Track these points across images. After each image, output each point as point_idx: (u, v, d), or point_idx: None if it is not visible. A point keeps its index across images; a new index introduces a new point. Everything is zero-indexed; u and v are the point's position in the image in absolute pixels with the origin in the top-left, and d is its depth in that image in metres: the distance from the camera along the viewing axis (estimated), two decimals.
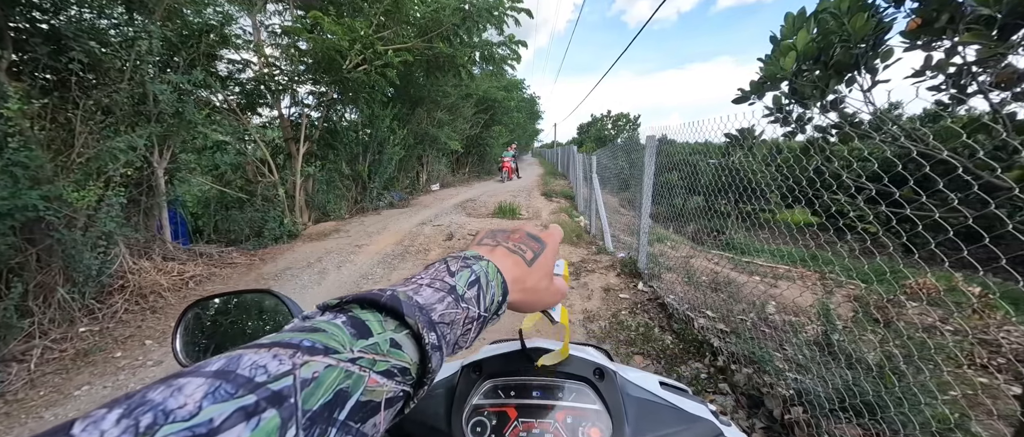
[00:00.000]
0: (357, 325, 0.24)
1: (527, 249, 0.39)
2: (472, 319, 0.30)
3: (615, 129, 38.75)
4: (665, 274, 3.52)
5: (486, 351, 0.57)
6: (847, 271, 3.14)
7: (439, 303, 0.28)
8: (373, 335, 0.24)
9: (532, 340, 0.59)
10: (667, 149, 3.62)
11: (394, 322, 0.25)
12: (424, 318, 0.26)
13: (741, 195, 2.54)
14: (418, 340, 0.25)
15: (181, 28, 4.21)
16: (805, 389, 1.64)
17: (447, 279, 0.30)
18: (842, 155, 1.95)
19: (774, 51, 1.96)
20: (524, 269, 0.37)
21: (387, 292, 0.26)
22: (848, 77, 1.87)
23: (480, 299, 0.31)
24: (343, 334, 0.23)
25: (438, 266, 0.32)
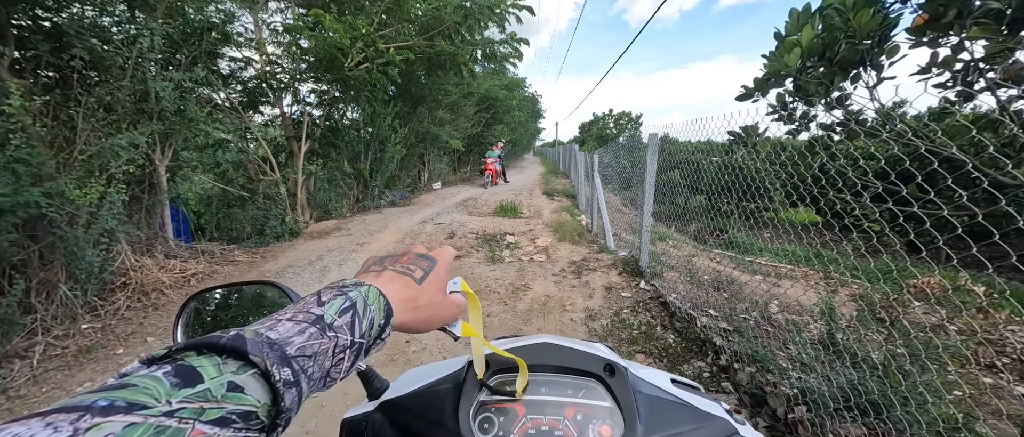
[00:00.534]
0: (183, 373, 0.21)
1: (416, 268, 0.38)
2: (344, 347, 0.28)
3: (617, 128, 38.70)
4: (667, 273, 3.51)
5: (496, 345, 0.56)
6: (851, 270, 3.13)
7: (298, 336, 0.26)
8: (204, 381, 0.21)
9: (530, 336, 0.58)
10: (669, 148, 3.61)
11: (236, 363, 0.23)
12: (275, 354, 0.24)
13: (744, 194, 2.53)
14: (268, 378, 0.23)
15: (183, 26, 4.21)
16: (809, 388, 1.63)
17: (313, 310, 0.29)
18: (846, 153, 1.94)
19: (778, 48, 1.94)
20: (414, 288, 0.36)
21: (230, 332, 0.24)
22: (853, 74, 1.86)
23: (355, 325, 0.30)
24: (159, 385, 0.20)
25: (308, 299, 0.30)
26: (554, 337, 0.55)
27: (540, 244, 5.02)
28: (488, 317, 2.89)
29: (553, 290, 3.42)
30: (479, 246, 4.91)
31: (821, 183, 1.92)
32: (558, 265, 4.13)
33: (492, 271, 3.95)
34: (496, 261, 4.28)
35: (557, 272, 3.91)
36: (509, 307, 3.06)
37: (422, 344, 2.44)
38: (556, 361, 0.51)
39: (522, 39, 7.04)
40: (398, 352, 2.34)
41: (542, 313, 2.97)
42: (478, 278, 3.73)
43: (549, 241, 5.16)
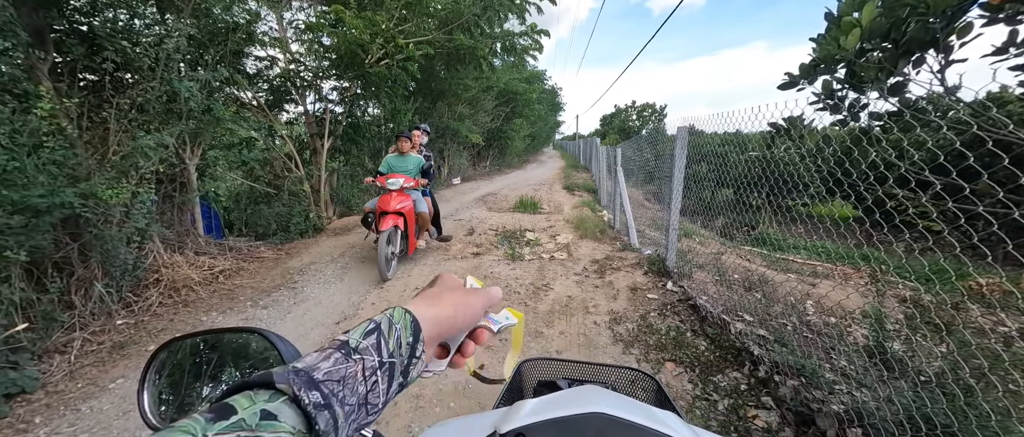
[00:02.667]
0: (217, 410, 0.22)
1: (446, 285, 0.40)
2: (373, 369, 0.29)
3: (640, 120, 37.72)
4: (696, 273, 3.33)
5: (533, 410, 0.46)
6: (901, 270, 2.87)
7: (324, 361, 0.27)
8: (238, 412, 0.22)
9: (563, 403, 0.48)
10: (695, 140, 3.41)
11: (267, 393, 0.24)
12: (302, 378, 0.25)
13: (776, 187, 2.34)
14: (299, 403, 0.24)
15: (209, 26, 4.29)
16: (865, 409, 1.47)
17: (339, 337, 0.30)
18: (898, 145, 1.73)
19: (830, 30, 1.75)
20: (438, 301, 0.37)
21: (260, 372, 0.26)
22: (916, 57, 1.66)
23: (382, 346, 0.30)
24: (195, 424, 0.21)
25: (333, 339, 0.31)
26: (607, 399, 0.46)
27: (561, 241, 4.91)
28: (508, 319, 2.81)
29: (575, 290, 3.31)
30: (499, 243, 4.84)
31: (870, 178, 1.73)
32: (580, 264, 4.02)
33: (512, 269, 3.87)
34: (516, 259, 4.20)
35: (579, 271, 3.79)
36: (530, 308, 2.98)
37: None
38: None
39: (542, 30, 6.86)
40: None
41: (564, 315, 2.87)
42: (498, 277, 3.66)
43: (570, 238, 5.04)
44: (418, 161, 3.87)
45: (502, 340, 2.50)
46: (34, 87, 2.62)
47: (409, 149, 3.92)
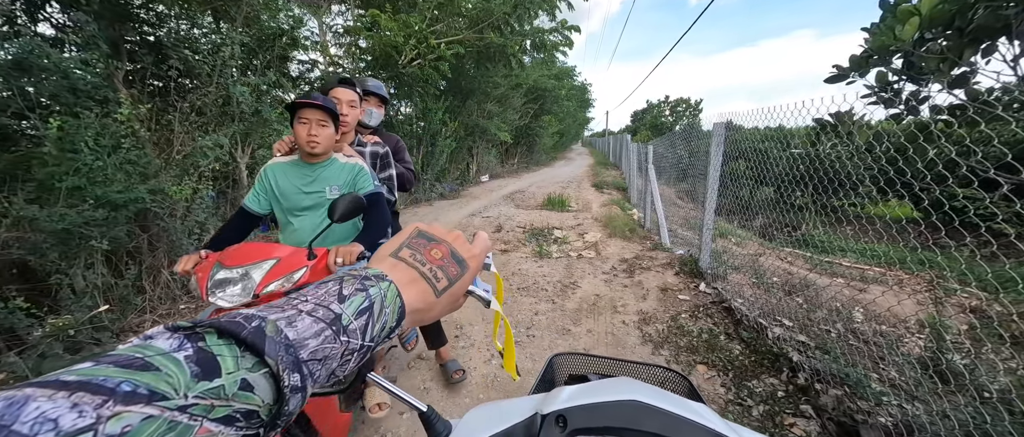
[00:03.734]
0: (204, 362, 0.21)
1: (442, 276, 0.36)
2: (354, 351, 0.28)
3: (674, 116, 36.43)
4: (731, 274, 3.22)
5: (571, 395, 0.48)
6: (964, 277, 2.63)
7: (314, 338, 0.26)
8: (221, 375, 0.21)
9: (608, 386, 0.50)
10: (733, 136, 3.28)
11: (252, 359, 0.23)
12: (289, 358, 0.24)
13: (822, 186, 2.22)
14: (277, 380, 0.23)
15: (258, 33, 4.58)
16: (916, 423, 1.38)
17: (334, 306, 0.28)
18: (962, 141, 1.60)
19: (886, 18, 1.64)
20: (430, 300, 0.35)
21: (254, 322, 0.24)
22: (985, 46, 1.52)
23: (368, 328, 0.29)
24: (181, 373, 0.20)
25: (331, 286, 0.30)
26: (644, 390, 0.47)
27: (589, 239, 4.87)
28: (536, 315, 2.85)
29: (603, 289, 3.29)
30: (526, 240, 4.88)
31: (927, 177, 1.61)
32: (608, 262, 3.97)
33: (540, 267, 3.90)
34: (544, 256, 4.22)
35: (607, 270, 3.76)
36: (557, 306, 2.99)
37: (471, 340, 2.46)
38: (651, 428, 0.42)
39: (573, 26, 6.79)
40: (448, 346, 2.38)
41: (592, 314, 2.86)
42: (525, 274, 3.70)
43: (599, 236, 4.99)
44: (353, 173, 1.43)
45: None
46: (114, 93, 2.92)
47: (329, 145, 1.37)
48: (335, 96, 1.50)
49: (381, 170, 1.70)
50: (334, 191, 1.37)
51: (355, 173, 1.41)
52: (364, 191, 1.38)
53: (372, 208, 1.38)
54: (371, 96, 1.80)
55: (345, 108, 1.50)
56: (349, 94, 1.53)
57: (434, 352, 2.05)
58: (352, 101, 1.54)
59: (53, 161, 2.45)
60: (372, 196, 1.40)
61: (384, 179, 1.69)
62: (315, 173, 1.38)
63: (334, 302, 0.28)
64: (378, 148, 1.70)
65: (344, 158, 1.42)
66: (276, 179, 1.39)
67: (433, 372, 2.14)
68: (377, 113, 1.83)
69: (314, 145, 1.29)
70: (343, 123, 1.46)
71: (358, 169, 1.42)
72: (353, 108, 1.54)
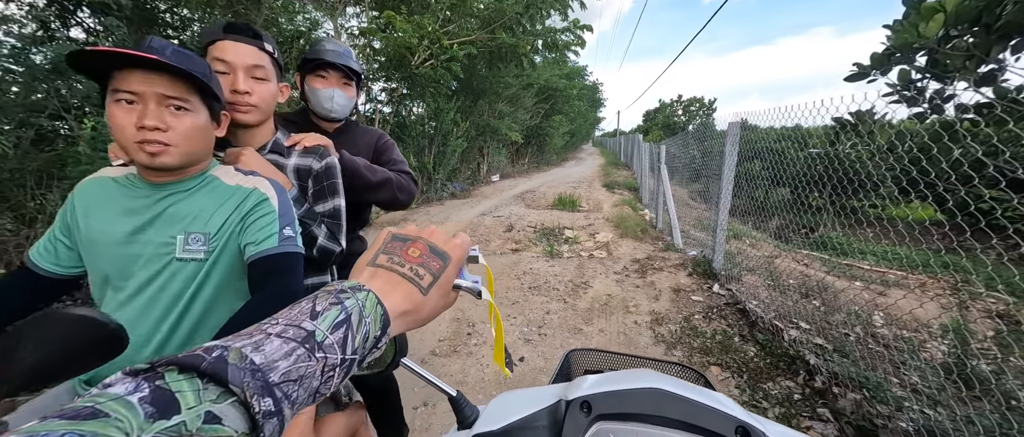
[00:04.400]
0: (160, 400, 0.20)
1: (425, 272, 0.34)
2: (333, 366, 0.27)
3: (686, 115, 35.98)
4: (746, 276, 3.17)
5: (595, 383, 0.50)
6: (990, 281, 2.55)
7: (285, 359, 0.24)
8: (181, 411, 0.20)
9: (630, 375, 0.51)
10: (748, 135, 3.23)
11: (217, 389, 0.22)
12: (257, 383, 0.22)
13: (840, 187, 2.18)
14: (248, 408, 0.22)
15: (276, 36, 4.70)
16: (939, 428, 1.35)
17: (305, 324, 0.27)
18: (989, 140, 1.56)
19: (909, 15, 1.60)
20: (417, 300, 0.33)
21: (215, 352, 0.23)
22: (1014, 43, 1.48)
23: (347, 341, 0.28)
24: (132, 415, 0.19)
25: (304, 305, 0.28)
26: (666, 380, 0.49)
27: (600, 239, 4.85)
28: (547, 314, 2.86)
29: (615, 289, 3.28)
30: (537, 240, 4.89)
31: (951, 178, 1.57)
32: (620, 263, 3.96)
33: (551, 267, 3.90)
34: (555, 256, 4.22)
35: (619, 270, 3.75)
36: (569, 305, 3.00)
37: (483, 337, 2.48)
38: (674, 414, 0.43)
39: (585, 26, 6.77)
40: (460, 343, 2.42)
41: (603, 314, 2.86)
42: (536, 273, 3.71)
43: (610, 236, 4.97)
44: (243, 208, 0.74)
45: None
46: None
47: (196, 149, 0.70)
48: (218, 56, 0.82)
49: (318, 199, 0.95)
50: (197, 243, 0.69)
51: (250, 207, 0.72)
52: (259, 249, 0.69)
53: (269, 281, 0.68)
54: (329, 69, 1.11)
55: (241, 79, 0.82)
56: (248, 53, 0.83)
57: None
58: (255, 67, 0.84)
59: (86, 160, 2.55)
60: (277, 259, 0.69)
61: (325, 215, 0.95)
62: (161, 204, 0.69)
63: (306, 320, 0.27)
64: (311, 161, 0.94)
65: (236, 175, 0.76)
66: (87, 212, 0.71)
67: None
68: (342, 97, 1.14)
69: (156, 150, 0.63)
70: (236, 107, 0.83)
71: (257, 201, 0.73)
72: (260, 81, 0.85)
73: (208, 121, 0.70)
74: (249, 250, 0.70)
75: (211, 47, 0.83)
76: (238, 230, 0.72)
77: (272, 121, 0.96)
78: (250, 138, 0.91)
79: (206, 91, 0.67)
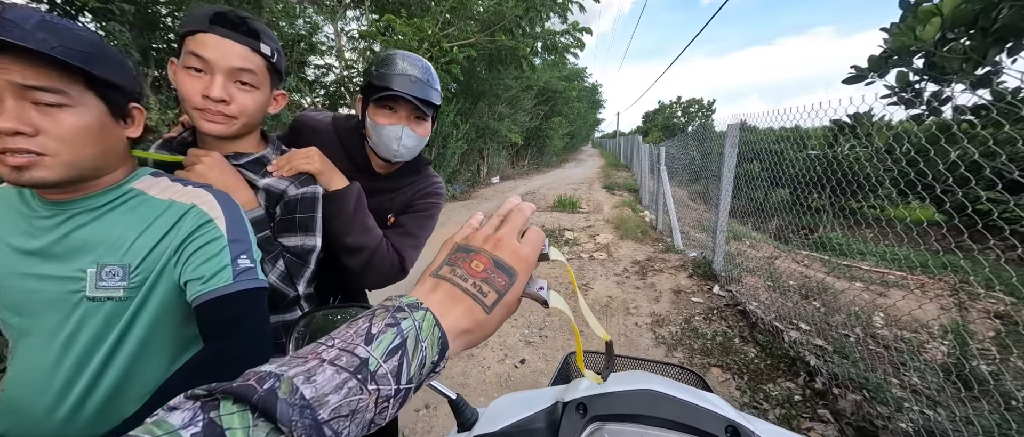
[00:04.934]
0: (207, 432, 0.19)
1: (489, 289, 0.31)
2: (387, 397, 0.25)
3: (685, 116, 36.05)
4: (746, 277, 3.18)
5: (591, 385, 0.51)
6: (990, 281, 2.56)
7: (335, 393, 0.23)
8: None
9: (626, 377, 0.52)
10: (747, 137, 3.25)
11: (267, 426, 0.21)
12: (306, 421, 0.21)
13: (840, 188, 2.19)
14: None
15: (277, 39, 4.73)
16: (938, 428, 1.36)
17: (359, 350, 0.25)
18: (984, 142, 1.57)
19: (906, 18, 1.62)
20: (480, 318, 0.30)
21: (268, 382, 0.22)
22: (1010, 46, 1.49)
23: (402, 370, 0.26)
24: None
25: (361, 324, 0.27)
26: (660, 381, 0.50)
27: (600, 241, 4.86)
28: (548, 316, 2.86)
29: (616, 291, 3.29)
30: None
31: (948, 180, 1.58)
32: (620, 264, 3.97)
33: (551, 268, 3.91)
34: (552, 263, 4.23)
35: (619, 272, 3.75)
36: (570, 307, 3.00)
37: (484, 341, 2.49)
38: (666, 415, 0.45)
39: (584, 28, 6.81)
40: None
41: (604, 315, 2.87)
42: (535, 274, 3.71)
43: (610, 238, 4.98)
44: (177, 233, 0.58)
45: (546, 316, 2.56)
46: (143, 99, 3.06)
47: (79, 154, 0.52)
48: (195, 51, 0.65)
49: (283, 231, 0.77)
50: (113, 278, 0.54)
51: (188, 232, 0.57)
52: (207, 288, 0.55)
53: (226, 332, 0.55)
54: (399, 101, 0.86)
55: (218, 84, 0.66)
56: (236, 53, 0.67)
57: None
58: (242, 71, 0.68)
59: None
60: (232, 302, 0.55)
61: (292, 252, 0.77)
62: (63, 228, 0.55)
63: (360, 345, 0.25)
64: (287, 184, 0.78)
65: (171, 186, 0.60)
66: None
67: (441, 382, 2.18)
68: (413, 138, 0.90)
69: (21, 162, 0.48)
70: (204, 114, 0.67)
71: (197, 223, 0.58)
72: (246, 89, 0.69)
73: (105, 118, 0.52)
74: (193, 289, 0.54)
75: (190, 39, 0.65)
76: (173, 262, 0.56)
77: (259, 134, 0.81)
78: (225, 148, 0.75)
79: (95, 78, 0.50)
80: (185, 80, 0.66)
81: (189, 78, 0.66)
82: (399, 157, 0.92)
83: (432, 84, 0.90)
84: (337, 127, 0.99)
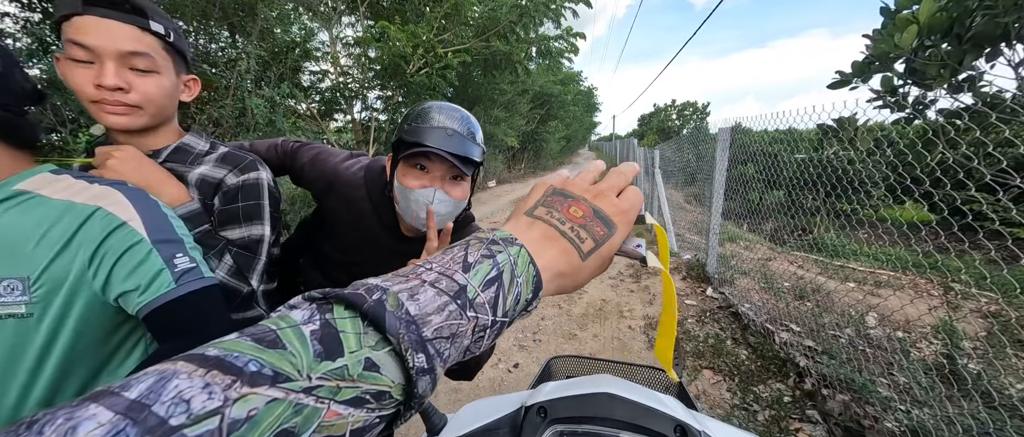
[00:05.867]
0: (327, 339, 0.20)
1: (587, 236, 0.30)
2: (484, 327, 0.25)
3: (680, 119, 36.27)
4: (739, 279, 3.21)
5: (553, 389, 0.54)
6: (980, 279, 2.59)
7: (437, 314, 0.23)
8: (344, 354, 0.20)
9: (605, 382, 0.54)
10: (741, 139, 3.28)
11: (375, 336, 0.21)
12: (412, 336, 0.22)
13: (829, 188, 2.22)
14: (402, 358, 0.21)
15: (272, 46, 4.74)
16: (922, 428, 1.38)
17: (458, 277, 0.25)
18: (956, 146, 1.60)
19: (886, 26, 1.66)
20: (575, 263, 0.30)
21: (375, 294, 0.22)
22: (989, 51, 1.53)
23: (499, 302, 0.26)
24: (305, 353, 0.19)
25: (456, 252, 0.27)
26: (618, 384, 0.52)
27: None
28: (542, 320, 2.88)
29: (610, 294, 3.31)
30: None
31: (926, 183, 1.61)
32: (615, 267, 3.99)
33: None
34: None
35: (614, 275, 3.77)
36: (564, 311, 3.02)
37: None
38: (620, 416, 0.47)
39: (578, 33, 6.87)
40: None
41: (598, 319, 2.88)
42: None
43: None
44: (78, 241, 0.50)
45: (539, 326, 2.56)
46: None
47: None
48: (75, 38, 0.57)
49: (227, 224, 0.72)
50: (13, 293, 0.48)
51: (98, 241, 0.50)
52: (147, 299, 0.51)
53: (181, 339, 0.52)
54: (432, 159, 0.74)
55: (110, 72, 0.58)
56: (122, 35, 0.59)
57: None
58: (134, 55, 0.60)
59: None
60: (179, 308, 0.52)
61: (238, 245, 0.72)
62: None
63: (458, 272, 0.25)
64: (224, 172, 0.72)
65: (71, 185, 0.52)
66: None
67: None
68: (448, 203, 0.76)
69: None
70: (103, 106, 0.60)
71: (107, 229, 0.51)
72: (144, 74, 0.62)
73: None
74: (132, 302, 0.50)
75: (66, 25, 0.58)
76: (89, 274, 0.49)
77: (175, 123, 0.73)
78: (140, 145, 0.66)
79: None
80: (72, 73, 0.58)
81: (76, 69, 0.58)
82: (426, 226, 0.74)
83: (474, 138, 0.76)
84: (367, 180, 0.88)
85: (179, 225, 0.58)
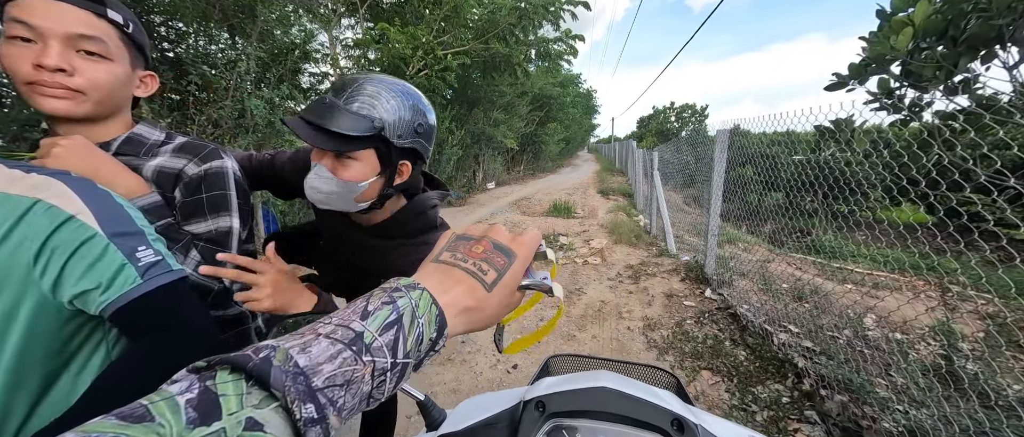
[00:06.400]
0: (204, 405, 0.20)
1: (489, 268, 0.32)
2: (383, 370, 0.25)
3: (679, 121, 36.38)
4: (737, 280, 3.21)
5: (551, 384, 0.54)
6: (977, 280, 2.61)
7: (329, 362, 0.23)
8: (222, 417, 0.19)
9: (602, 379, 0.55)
10: (740, 141, 3.30)
11: (260, 394, 0.21)
12: (299, 387, 0.22)
13: (827, 189, 2.23)
14: (290, 413, 0.21)
15: (272, 47, 4.75)
16: (920, 428, 1.39)
17: (354, 325, 0.25)
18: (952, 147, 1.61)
19: (882, 28, 1.67)
20: (480, 296, 0.31)
21: (263, 352, 0.22)
22: (984, 53, 1.55)
23: (398, 344, 0.26)
24: (175, 422, 0.19)
25: (358, 304, 0.27)
26: (616, 379, 0.52)
27: (595, 246, 4.89)
28: (541, 321, 2.88)
29: (609, 296, 3.31)
30: None
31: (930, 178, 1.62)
32: (614, 269, 3.99)
33: None
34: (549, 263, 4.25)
35: (613, 276, 3.78)
36: (563, 312, 3.02)
37: (477, 345, 2.50)
38: (617, 410, 0.47)
39: (577, 35, 6.90)
40: (454, 351, 2.43)
41: (597, 320, 2.88)
42: None
43: (604, 243, 5.01)
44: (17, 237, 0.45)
45: None
46: (137, 109, 3.07)
47: None
48: (17, 16, 0.52)
49: (191, 217, 0.68)
50: None
51: (44, 237, 0.45)
52: (110, 297, 0.47)
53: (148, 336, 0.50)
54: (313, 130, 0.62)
55: (54, 52, 0.53)
56: (72, 17, 0.54)
57: None
58: (83, 38, 0.55)
59: None
60: (146, 304, 0.49)
61: (204, 239, 0.68)
62: None
63: (355, 320, 0.26)
64: (183, 162, 0.67)
65: (4, 175, 0.46)
66: None
67: (421, 386, 2.18)
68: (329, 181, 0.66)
69: None
70: (39, 88, 0.54)
71: (53, 224, 0.45)
72: (93, 59, 0.57)
73: None
74: (93, 301, 0.46)
75: (11, 5, 0.52)
76: (39, 274, 0.44)
77: (126, 115, 0.67)
78: (84, 136, 0.60)
79: None
80: (9, 52, 0.52)
81: (14, 49, 0.52)
82: (321, 204, 0.70)
83: (351, 108, 0.62)
84: None
85: (138, 216, 0.53)
